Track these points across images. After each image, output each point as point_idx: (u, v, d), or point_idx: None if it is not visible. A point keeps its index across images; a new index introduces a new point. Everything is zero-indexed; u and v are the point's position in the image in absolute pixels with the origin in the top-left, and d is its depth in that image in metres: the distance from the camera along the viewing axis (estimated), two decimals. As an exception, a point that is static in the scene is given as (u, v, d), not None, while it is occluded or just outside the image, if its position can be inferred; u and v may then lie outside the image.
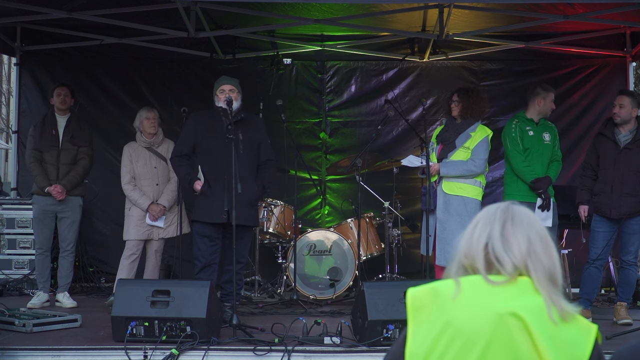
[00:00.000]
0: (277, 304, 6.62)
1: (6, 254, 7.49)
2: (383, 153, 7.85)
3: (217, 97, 5.69)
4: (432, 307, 1.84)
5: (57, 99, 6.53)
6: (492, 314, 1.77)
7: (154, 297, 4.79)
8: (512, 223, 1.86)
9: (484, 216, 1.91)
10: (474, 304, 1.79)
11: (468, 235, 1.90)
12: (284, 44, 8.16)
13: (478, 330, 1.77)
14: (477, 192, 5.95)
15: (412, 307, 1.87)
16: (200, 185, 5.63)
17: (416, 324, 1.85)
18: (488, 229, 1.87)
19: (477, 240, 1.87)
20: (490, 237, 1.86)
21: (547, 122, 6.27)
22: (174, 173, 6.53)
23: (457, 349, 1.78)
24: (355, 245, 6.99)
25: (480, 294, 1.81)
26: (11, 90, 13.71)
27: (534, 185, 6.04)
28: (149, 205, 6.49)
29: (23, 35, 8.08)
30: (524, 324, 1.75)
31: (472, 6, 6.88)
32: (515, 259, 1.83)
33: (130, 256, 6.53)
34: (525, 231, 1.86)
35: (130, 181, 6.58)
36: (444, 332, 1.80)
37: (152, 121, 6.60)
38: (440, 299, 1.84)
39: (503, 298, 1.79)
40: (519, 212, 1.89)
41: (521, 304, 1.78)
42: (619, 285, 6.12)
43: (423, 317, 1.85)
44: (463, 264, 1.88)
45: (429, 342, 1.81)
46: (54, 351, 4.65)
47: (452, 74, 8.35)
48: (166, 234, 6.61)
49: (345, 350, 4.68)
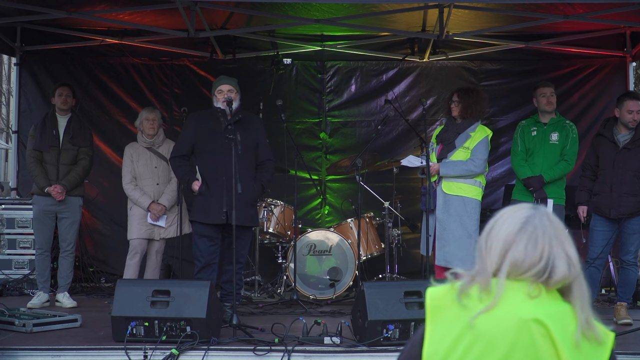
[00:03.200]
0: (277, 304, 6.61)
1: (6, 254, 7.48)
2: (383, 153, 7.84)
3: (215, 97, 5.68)
4: (451, 309, 1.82)
5: (59, 99, 6.52)
6: (515, 319, 1.76)
7: (154, 297, 4.79)
8: (533, 235, 1.83)
9: (507, 219, 1.87)
10: (497, 309, 1.77)
11: (490, 239, 1.86)
12: (284, 44, 8.16)
13: (500, 335, 1.75)
14: (476, 192, 5.95)
15: (431, 307, 1.84)
16: (198, 186, 5.63)
17: (434, 324, 1.83)
18: (511, 232, 1.84)
19: (497, 245, 1.84)
20: (514, 241, 1.83)
21: (561, 122, 6.16)
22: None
23: (478, 353, 1.76)
24: (355, 245, 6.99)
25: (502, 299, 1.78)
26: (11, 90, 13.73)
27: (526, 184, 6.07)
28: (149, 205, 6.50)
29: (23, 35, 8.08)
30: (547, 331, 1.74)
31: (472, 6, 6.88)
32: (540, 265, 1.80)
33: (134, 256, 6.55)
34: (551, 238, 1.83)
35: (131, 181, 6.59)
36: (464, 335, 1.78)
37: (151, 122, 6.60)
38: (463, 301, 1.81)
39: (525, 303, 1.78)
40: (546, 220, 1.86)
41: (545, 310, 1.76)
42: (619, 285, 6.12)
43: (442, 317, 1.83)
44: (484, 267, 1.84)
45: (448, 344, 1.79)
46: (54, 351, 4.65)
47: (452, 74, 8.35)
48: (167, 234, 6.62)
49: (345, 350, 4.68)
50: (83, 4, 6.95)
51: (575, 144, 6.12)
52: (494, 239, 1.86)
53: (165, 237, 6.63)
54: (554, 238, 1.84)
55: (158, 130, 6.68)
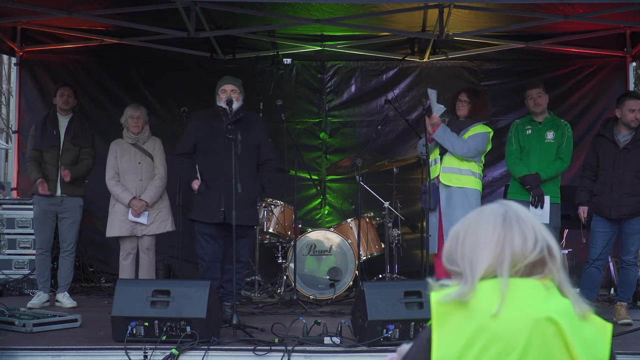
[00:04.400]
0: (277, 304, 6.61)
1: (6, 254, 7.49)
2: (383, 153, 7.85)
3: (218, 96, 5.69)
4: (458, 312, 1.80)
5: (60, 99, 6.52)
6: (529, 319, 1.75)
7: (154, 297, 4.79)
8: (519, 220, 1.83)
9: (482, 221, 1.85)
10: (509, 309, 1.77)
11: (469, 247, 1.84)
12: (284, 44, 8.16)
13: (515, 335, 1.75)
14: (476, 182, 5.95)
15: (437, 311, 1.82)
16: (197, 185, 5.64)
17: (441, 329, 1.81)
18: (498, 230, 1.82)
19: (484, 247, 1.82)
20: (506, 234, 1.81)
21: (556, 120, 6.19)
22: (159, 170, 6.55)
23: (494, 355, 1.75)
24: (355, 245, 6.99)
25: (512, 299, 1.77)
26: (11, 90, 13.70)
27: (522, 181, 6.07)
28: (130, 201, 6.48)
29: (23, 35, 8.08)
30: (559, 329, 1.74)
31: (472, 6, 6.88)
32: (534, 256, 1.80)
33: (127, 256, 6.55)
34: (535, 227, 1.83)
35: (114, 176, 6.57)
36: (478, 337, 1.76)
37: (135, 120, 6.58)
38: (469, 304, 1.79)
39: (535, 302, 1.77)
40: (519, 209, 1.86)
41: (553, 307, 1.76)
42: (619, 285, 6.12)
43: (449, 321, 1.81)
44: (486, 268, 1.82)
45: (459, 347, 1.77)
46: (54, 351, 4.65)
47: (452, 74, 8.35)
48: (149, 230, 6.57)
49: (345, 350, 4.68)
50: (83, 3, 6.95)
51: (570, 143, 6.13)
52: (477, 243, 1.83)
53: (148, 234, 6.58)
54: (534, 219, 1.85)
55: (143, 127, 6.64)
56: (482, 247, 1.83)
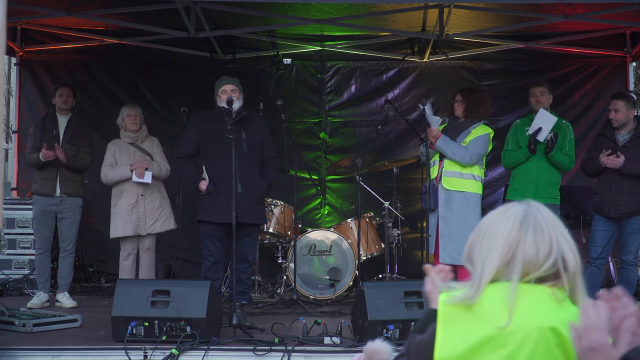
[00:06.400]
0: (277, 304, 6.62)
1: (6, 254, 7.49)
2: (383, 153, 7.85)
3: (219, 97, 5.67)
4: (466, 315, 1.80)
5: (59, 99, 6.52)
6: (534, 328, 1.74)
7: (154, 297, 4.79)
8: (536, 228, 1.80)
9: (502, 219, 1.83)
10: (516, 317, 1.76)
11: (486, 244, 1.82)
12: (284, 44, 8.16)
13: (520, 343, 1.74)
14: (476, 186, 5.94)
15: (444, 313, 1.82)
16: (205, 185, 5.61)
17: (446, 331, 1.81)
18: (513, 234, 1.80)
19: (497, 248, 1.80)
20: (520, 238, 1.79)
21: (558, 121, 6.11)
22: (162, 164, 6.53)
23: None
24: (355, 245, 6.99)
25: (520, 306, 1.77)
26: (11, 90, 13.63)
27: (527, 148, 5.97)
28: (130, 166, 6.43)
29: (23, 35, 8.08)
30: (562, 340, 1.73)
31: (472, 6, 6.88)
32: (546, 268, 1.78)
33: (127, 257, 6.54)
34: (554, 226, 1.81)
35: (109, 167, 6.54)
36: (483, 345, 1.76)
37: (133, 118, 6.58)
38: (476, 308, 1.79)
39: (543, 310, 1.76)
40: (541, 216, 1.83)
41: (560, 317, 1.75)
42: (619, 286, 6.11)
43: (455, 324, 1.80)
44: (494, 272, 1.81)
45: (463, 350, 1.77)
46: (54, 351, 4.65)
47: (452, 74, 8.35)
48: (153, 229, 6.56)
49: (345, 350, 4.68)
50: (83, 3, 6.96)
51: (573, 143, 6.12)
52: (492, 243, 1.81)
53: (152, 232, 6.58)
54: (556, 227, 1.81)
55: (141, 126, 6.65)
56: (495, 249, 1.80)
